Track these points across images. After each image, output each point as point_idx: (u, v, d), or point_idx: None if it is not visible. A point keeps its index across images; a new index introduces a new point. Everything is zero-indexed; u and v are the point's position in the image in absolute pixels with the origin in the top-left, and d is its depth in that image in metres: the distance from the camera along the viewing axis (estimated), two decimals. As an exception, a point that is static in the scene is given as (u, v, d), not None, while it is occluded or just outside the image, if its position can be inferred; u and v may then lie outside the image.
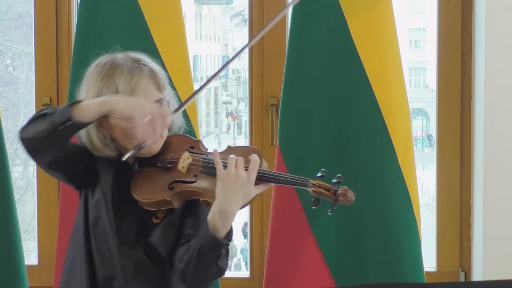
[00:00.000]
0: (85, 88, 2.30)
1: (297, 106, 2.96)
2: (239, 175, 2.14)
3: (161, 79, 2.29)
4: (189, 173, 2.25)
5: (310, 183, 2.17)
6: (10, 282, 3.08)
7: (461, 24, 3.35)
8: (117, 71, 2.25)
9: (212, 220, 2.14)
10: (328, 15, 2.92)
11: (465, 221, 3.38)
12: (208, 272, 2.17)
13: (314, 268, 2.94)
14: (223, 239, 2.14)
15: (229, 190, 2.13)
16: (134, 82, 2.23)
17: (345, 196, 2.16)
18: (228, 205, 2.13)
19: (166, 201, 2.23)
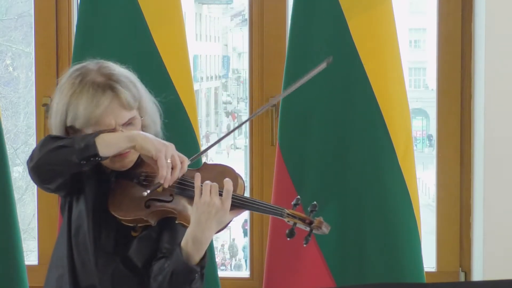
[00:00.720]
0: (56, 100, 2.30)
1: (297, 106, 2.96)
2: (213, 203, 2.13)
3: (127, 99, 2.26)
4: (165, 192, 2.23)
5: (285, 213, 2.17)
6: (10, 282, 3.08)
7: (461, 24, 3.35)
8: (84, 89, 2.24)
9: (186, 246, 2.15)
10: (328, 15, 2.92)
11: (465, 221, 3.38)
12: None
13: (314, 268, 2.94)
14: (196, 266, 2.15)
15: (203, 218, 2.13)
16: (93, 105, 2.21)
17: (319, 228, 2.15)
18: (202, 232, 2.14)
19: (142, 220, 2.23)
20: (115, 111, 2.24)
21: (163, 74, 2.93)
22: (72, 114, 2.24)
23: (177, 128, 2.79)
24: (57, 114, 2.29)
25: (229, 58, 5.44)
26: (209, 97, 5.59)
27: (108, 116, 2.23)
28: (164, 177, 2.15)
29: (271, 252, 2.98)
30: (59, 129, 2.29)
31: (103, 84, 2.25)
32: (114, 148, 2.17)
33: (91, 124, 2.23)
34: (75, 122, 2.25)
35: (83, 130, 2.25)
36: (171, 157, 2.16)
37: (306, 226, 2.15)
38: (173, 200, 2.22)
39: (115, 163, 2.27)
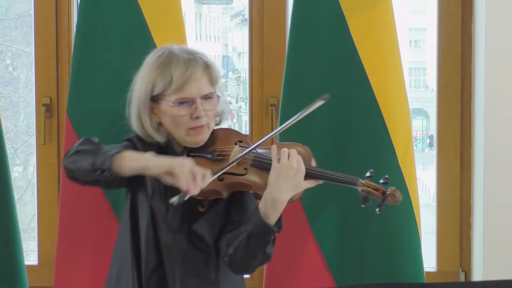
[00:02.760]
0: (141, 75, 2.41)
1: (297, 106, 2.95)
2: (291, 166, 2.26)
3: (215, 73, 2.40)
4: (239, 166, 2.33)
5: (359, 182, 2.30)
6: (10, 282, 3.08)
7: (461, 24, 3.35)
8: (174, 60, 2.35)
9: (264, 207, 2.25)
10: (328, 15, 2.92)
11: (465, 221, 3.38)
12: (255, 257, 2.28)
13: (314, 268, 2.94)
14: (273, 226, 2.25)
15: (281, 179, 2.25)
16: (188, 73, 2.33)
17: (393, 196, 2.27)
18: (279, 193, 2.25)
19: (216, 191, 2.31)
20: (202, 82, 2.36)
21: (163, 74, 2.93)
22: (162, 82, 2.34)
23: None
24: (143, 85, 2.38)
25: (229, 58, 5.44)
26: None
27: (195, 85, 2.34)
28: (186, 184, 2.22)
29: (271, 252, 2.98)
30: (144, 102, 2.37)
31: (193, 56, 2.38)
32: (127, 167, 2.29)
33: (180, 90, 2.33)
34: (164, 89, 2.34)
35: (166, 99, 2.34)
36: (189, 168, 2.23)
37: (380, 196, 2.27)
38: (247, 174, 2.32)
39: (190, 136, 2.37)
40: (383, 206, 2.28)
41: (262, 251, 2.27)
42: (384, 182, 2.30)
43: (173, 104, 2.34)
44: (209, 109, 2.37)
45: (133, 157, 2.30)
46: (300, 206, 2.92)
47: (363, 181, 2.29)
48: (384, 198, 2.27)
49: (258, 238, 2.26)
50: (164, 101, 2.35)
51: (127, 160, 2.28)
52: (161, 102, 2.35)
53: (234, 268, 2.34)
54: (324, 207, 2.93)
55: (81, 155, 2.33)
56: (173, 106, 2.34)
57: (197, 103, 2.34)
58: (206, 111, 2.36)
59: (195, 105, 2.34)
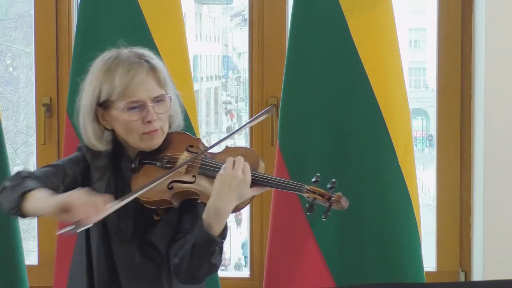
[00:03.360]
0: (88, 81, 2.34)
1: (297, 106, 2.96)
2: (236, 176, 2.17)
3: (162, 75, 2.32)
4: (187, 174, 2.27)
5: (304, 189, 2.20)
6: (10, 282, 3.08)
7: (461, 24, 3.35)
8: (119, 64, 2.29)
9: (207, 218, 2.18)
10: (328, 15, 2.92)
11: (465, 221, 3.38)
12: (200, 268, 2.20)
13: (314, 268, 2.94)
14: (217, 237, 2.18)
15: (224, 189, 2.17)
16: (130, 76, 2.26)
17: (338, 202, 2.18)
18: (222, 203, 2.17)
19: (165, 201, 2.26)
20: (149, 84, 2.28)
21: (163, 74, 2.93)
22: (107, 88, 2.27)
23: (177, 128, 2.80)
24: (89, 92, 2.31)
25: (229, 58, 5.44)
26: (209, 97, 5.59)
27: (143, 89, 2.27)
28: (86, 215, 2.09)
29: (271, 252, 2.98)
30: (89, 109, 2.31)
31: (138, 59, 2.31)
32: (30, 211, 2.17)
33: (125, 95, 2.26)
34: (109, 95, 2.27)
35: (115, 105, 2.27)
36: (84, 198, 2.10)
37: (325, 202, 2.19)
38: (196, 181, 2.26)
39: (144, 141, 2.29)
40: (329, 213, 2.17)
41: (207, 261, 2.19)
42: (331, 187, 2.20)
43: (123, 110, 2.26)
44: (161, 112, 2.29)
45: (34, 200, 2.15)
46: (300, 206, 2.92)
47: (309, 187, 2.19)
48: (330, 204, 2.17)
49: (202, 249, 2.17)
50: (114, 107, 2.27)
51: (29, 203, 2.16)
52: (112, 109, 2.27)
53: (180, 277, 2.26)
54: (323, 207, 2.93)
55: (4, 193, 2.23)
56: (123, 112, 2.26)
57: (148, 107, 2.26)
58: (158, 114, 2.28)
59: (147, 109, 2.26)
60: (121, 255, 2.31)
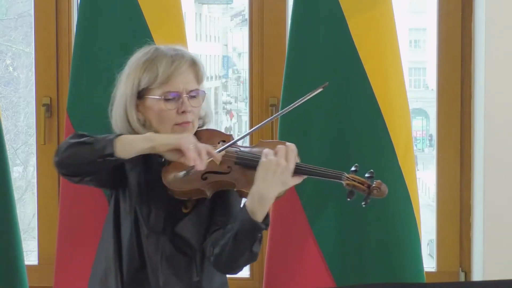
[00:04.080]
0: (126, 73, 2.41)
1: (297, 106, 2.95)
2: (279, 163, 2.24)
3: (201, 70, 2.41)
4: (223, 165, 2.31)
5: (344, 177, 2.28)
6: (10, 282, 3.08)
7: (461, 24, 3.35)
8: (160, 56, 2.36)
9: (251, 204, 2.24)
10: (328, 15, 2.92)
11: (465, 221, 3.38)
12: (242, 256, 2.26)
13: (314, 268, 2.94)
14: (261, 223, 2.24)
15: (269, 176, 2.23)
16: (174, 66, 2.34)
17: (379, 189, 2.27)
18: (266, 190, 2.23)
19: (199, 191, 2.29)
20: (188, 77, 2.37)
21: (163, 74, 2.93)
22: (148, 76, 2.34)
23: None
24: (129, 82, 2.37)
25: (229, 58, 5.44)
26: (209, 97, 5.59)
27: (182, 79, 2.35)
28: (194, 159, 2.20)
29: (271, 252, 2.98)
30: (130, 98, 2.37)
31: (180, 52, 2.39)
32: (132, 148, 2.25)
33: (166, 84, 2.33)
34: (150, 83, 2.34)
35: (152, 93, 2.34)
36: (194, 143, 2.23)
37: (365, 189, 2.27)
38: (231, 172, 2.31)
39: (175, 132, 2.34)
40: (369, 200, 2.27)
41: (249, 249, 2.25)
42: (370, 176, 2.29)
43: (159, 98, 2.33)
44: (195, 105, 2.37)
45: (136, 138, 2.28)
46: (300, 206, 2.92)
47: (348, 175, 2.28)
48: (370, 192, 2.27)
49: (245, 236, 2.24)
50: (150, 95, 2.34)
51: (129, 141, 2.26)
52: (147, 97, 2.34)
53: (220, 267, 2.32)
54: (324, 207, 2.93)
55: (76, 147, 2.28)
56: (160, 100, 2.33)
57: (183, 98, 2.33)
58: (192, 107, 2.35)
59: (182, 100, 2.34)
60: (152, 246, 2.36)
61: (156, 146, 2.24)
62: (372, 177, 2.29)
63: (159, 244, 2.35)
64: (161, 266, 2.35)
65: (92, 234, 2.95)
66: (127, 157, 2.25)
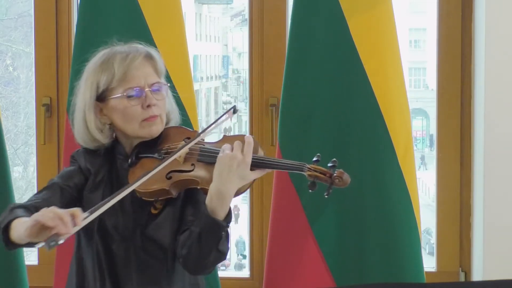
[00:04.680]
0: (84, 78, 2.35)
1: (297, 106, 2.96)
2: (235, 156, 2.17)
3: (158, 64, 2.35)
4: (186, 162, 2.27)
5: (305, 167, 2.21)
6: (10, 282, 3.08)
7: (461, 24, 3.35)
8: (115, 53, 2.32)
9: (210, 203, 2.18)
10: (328, 15, 2.92)
11: (465, 221, 3.38)
12: (209, 256, 2.20)
13: (314, 268, 2.94)
14: (222, 221, 2.18)
15: (225, 171, 2.17)
16: (129, 60, 2.30)
17: (340, 179, 2.18)
18: (224, 185, 2.17)
19: (164, 190, 2.25)
20: (146, 70, 2.32)
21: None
22: (106, 76, 2.29)
23: (177, 128, 2.80)
24: (87, 87, 2.32)
25: (229, 58, 5.44)
26: (209, 97, 5.59)
27: (141, 73, 2.30)
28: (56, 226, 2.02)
29: (271, 252, 2.98)
30: (90, 104, 2.32)
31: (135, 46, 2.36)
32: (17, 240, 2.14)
33: (125, 80, 2.28)
34: (108, 83, 2.29)
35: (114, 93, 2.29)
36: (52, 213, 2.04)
37: (327, 179, 2.19)
38: (195, 169, 2.26)
39: (144, 128, 2.30)
40: (331, 190, 2.18)
41: (214, 248, 2.19)
42: (333, 166, 2.20)
43: (122, 97, 2.28)
44: (159, 98, 2.31)
45: (15, 229, 2.13)
46: (300, 206, 2.92)
47: (310, 166, 2.20)
48: (332, 182, 2.18)
49: (208, 236, 2.17)
50: (112, 96, 2.29)
51: (12, 233, 2.15)
52: (109, 98, 2.29)
53: (189, 268, 2.26)
54: (324, 207, 2.93)
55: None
56: (122, 97, 2.28)
57: (146, 91, 2.28)
58: (156, 100, 2.30)
59: (145, 94, 2.28)
60: (122, 254, 2.30)
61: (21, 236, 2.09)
62: (335, 166, 2.20)
63: (130, 252, 2.30)
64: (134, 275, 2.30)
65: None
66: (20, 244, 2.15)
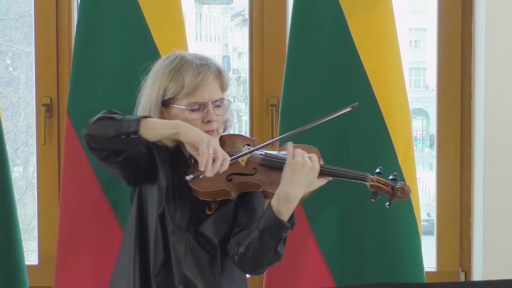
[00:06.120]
0: (151, 80, 2.42)
1: (297, 106, 2.96)
2: (306, 163, 2.29)
3: (225, 79, 2.43)
4: (248, 166, 2.35)
5: (368, 178, 2.34)
6: (10, 282, 3.08)
7: (461, 24, 3.35)
8: (186, 65, 2.37)
9: (277, 203, 2.28)
10: (328, 15, 2.92)
11: (465, 221, 3.38)
12: (267, 255, 2.29)
13: (314, 268, 2.94)
14: (286, 222, 2.27)
15: (295, 176, 2.28)
16: (200, 78, 2.36)
17: (402, 190, 2.33)
18: (293, 189, 2.27)
19: (224, 191, 2.32)
20: (213, 87, 2.38)
21: (163, 74, 2.93)
22: (174, 86, 2.35)
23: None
24: (154, 89, 2.39)
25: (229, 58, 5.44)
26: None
27: (208, 91, 2.37)
28: (205, 165, 2.23)
29: (271, 252, 2.98)
30: (155, 106, 2.38)
31: (205, 62, 2.40)
32: (157, 131, 2.27)
33: (192, 95, 2.35)
34: (176, 93, 2.35)
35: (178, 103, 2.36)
36: (213, 148, 2.24)
37: (389, 190, 2.33)
38: (256, 174, 2.34)
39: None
40: (393, 201, 2.33)
41: (273, 249, 2.29)
42: (393, 179, 2.35)
43: (185, 108, 2.35)
44: (219, 114, 2.40)
45: (163, 122, 2.30)
46: (300, 206, 2.91)
47: (373, 177, 2.34)
48: (394, 193, 2.33)
49: (270, 235, 2.27)
50: (176, 105, 2.36)
51: (155, 124, 2.28)
52: (173, 106, 2.37)
53: (244, 266, 2.35)
54: (324, 207, 2.93)
55: (104, 121, 2.31)
56: (186, 110, 2.35)
57: (209, 108, 2.36)
58: (216, 116, 2.38)
59: (207, 110, 2.36)
60: (177, 240, 2.37)
61: (179, 135, 2.26)
62: (396, 180, 2.34)
63: (183, 239, 2.38)
64: (185, 259, 2.37)
65: (92, 234, 2.95)
66: (151, 139, 2.27)
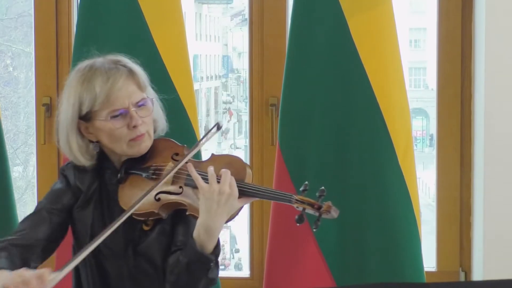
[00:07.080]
0: (66, 96, 2.30)
1: (297, 106, 2.96)
2: (223, 191, 2.13)
3: (141, 79, 2.29)
4: (174, 184, 2.24)
5: (293, 199, 2.16)
6: (10, 282, 3.07)
7: (461, 24, 3.35)
8: (95, 73, 2.25)
9: (198, 237, 2.14)
10: (328, 15, 2.92)
11: (465, 221, 3.38)
12: (199, 283, 2.18)
13: (314, 268, 2.94)
14: (210, 255, 2.15)
15: (213, 207, 2.12)
16: (110, 83, 2.23)
17: (328, 212, 2.14)
18: (213, 221, 2.13)
19: (153, 213, 2.24)
20: (129, 89, 2.25)
21: (163, 74, 2.93)
22: (88, 99, 2.23)
23: (177, 127, 2.79)
24: (69, 107, 2.27)
25: (229, 58, 5.45)
26: (209, 97, 5.59)
27: (124, 95, 2.23)
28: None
29: (271, 252, 2.98)
30: (71, 124, 2.27)
31: (115, 65, 2.28)
32: None
33: (108, 103, 2.22)
34: (91, 106, 2.23)
35: (98, 115, 2.24)
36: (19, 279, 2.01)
37: (315, 211, 2.14)
38: (183, 192, 2.22)
39: (132, 147, 2.26)
40: (319, 223, 2.14)
41: (204, 277, 2.16)
42: (320, 195, 2.15)
43: (106, 119, 2.22)
44: (144, 115, 2.26)
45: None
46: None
47: (297, 197, 2.15)
48: (320, 214, 2.13)
49: (197, 268, 2.14)
50: (96, 118, 2.23)
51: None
52: (94, 120, 2.24)
53: None
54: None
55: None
56: (107, 121, 2.22)
57: (131, 112, 2.23)
58: (142, 118, 2.25)
59: (130, 114, 2.23)
60: (115, 271, 2.29)
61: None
62: (323, 196, 2.15)
63: (122, 268, 2.29)
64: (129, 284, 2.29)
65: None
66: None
